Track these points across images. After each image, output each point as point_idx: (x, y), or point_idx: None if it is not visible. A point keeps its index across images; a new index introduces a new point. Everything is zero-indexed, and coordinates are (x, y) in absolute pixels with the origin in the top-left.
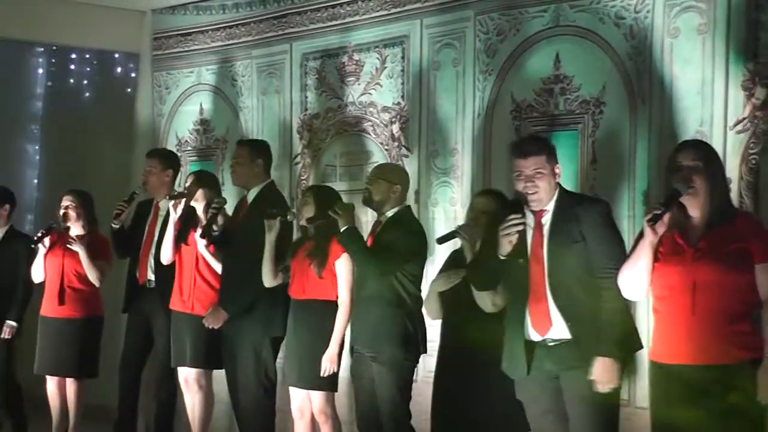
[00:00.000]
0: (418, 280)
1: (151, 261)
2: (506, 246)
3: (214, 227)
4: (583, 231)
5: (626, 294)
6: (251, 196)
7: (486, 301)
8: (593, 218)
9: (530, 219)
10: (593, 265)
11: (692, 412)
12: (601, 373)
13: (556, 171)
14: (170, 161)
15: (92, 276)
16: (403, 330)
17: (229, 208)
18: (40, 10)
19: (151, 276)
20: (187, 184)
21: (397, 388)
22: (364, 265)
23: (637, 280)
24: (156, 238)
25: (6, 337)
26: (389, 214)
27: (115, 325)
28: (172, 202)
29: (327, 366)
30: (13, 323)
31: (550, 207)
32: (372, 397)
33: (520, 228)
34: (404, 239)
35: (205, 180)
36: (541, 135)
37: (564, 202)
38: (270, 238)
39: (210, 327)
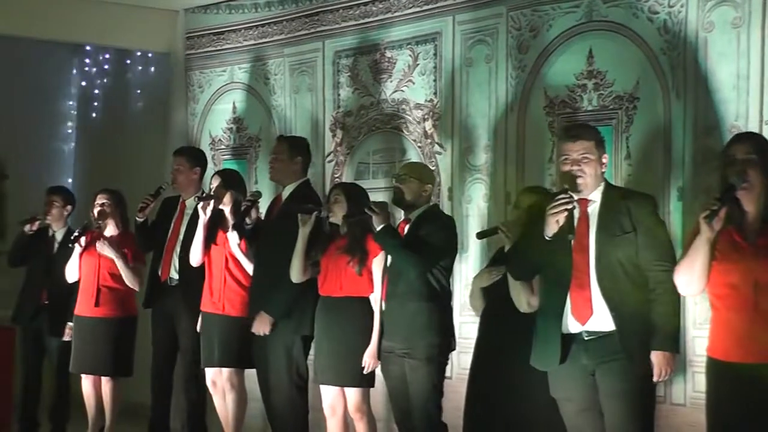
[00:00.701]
0: (449, 273)
1: (175, 259)
2: (553, 226)
3: (247, 220)
4: (634, 223)
5: (682, 290)
6: (286, 193)
7: (521, 300)
8: (646, 212)
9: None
10: (644, 258)
11: (752, 409)
12: (660, 365)
13: (603, 160)
14: (198, 159)
15: (131, 282)
16: (439, 324)
17: (262, 204)
18: (73, 11)
19: (174, 274)
20: (213, 186)
21: (431, 384)
22: (403, 262)
23: (694, 277)
24: (181, 236)
25: (67, 339)
26: (417, 212)
27: (146, 324)
28: (201, 204)
29: (369, 362)
30: (74, 324)
31: (596, 197)
32: (405, 394)
33: (569, 207)
34: (440, 234)
35: (231, 180)
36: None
37: (611, 193)
38: (303, 233)
39: (262, 334)
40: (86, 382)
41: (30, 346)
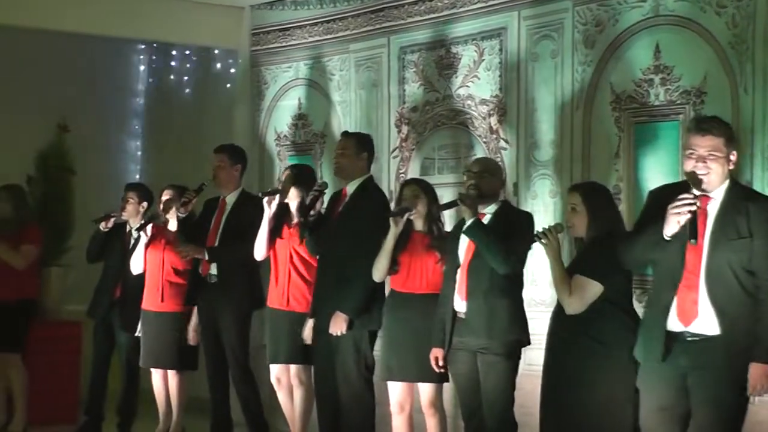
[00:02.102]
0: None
1: None
2: (673, 225)
3: (312, 212)
4: (751, 227)
5: None
6: (351, 188)
7: (561, 297)
8: (765, 218)
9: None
10: (757, 265)
11: None
12: (757, 378)
13: (732, 158)
14: (239, 156)
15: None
16: (519, 318)
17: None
18: (140, 8)
19: (214, 270)
20: (282, 179)
21: (508, 380)
22: (494, 257)
23: None
24: (220, 232)
25: (138, 334)
26: (492, 208)
27: None
28: (267, 198)
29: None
30: None
31: (718, 195)
32: (475, 391)
33: (693, 208)
34: (524, 230)
35: (300, 175)
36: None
37: (735, 193)
38: (394, 233)
39: (339, 334)
40: (156, 377)
41: (101, 341)
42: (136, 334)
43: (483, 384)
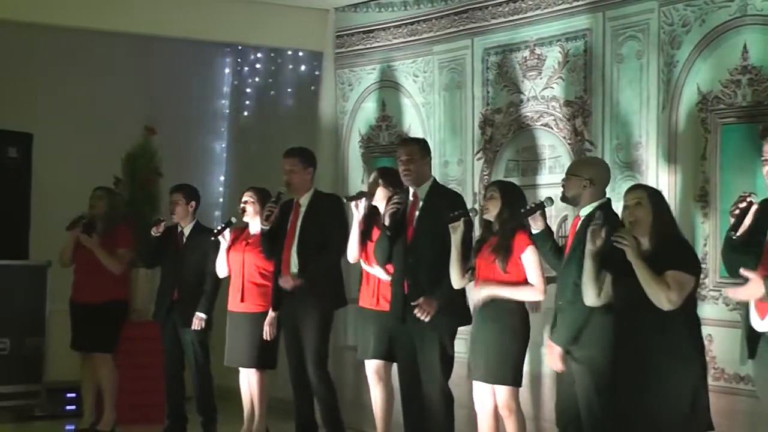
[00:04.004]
0: None
1: (294, 258)
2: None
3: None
4: None
5: None
6: (422, 193)
7: (587, 293)
8: None
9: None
10: None
11: None
12: None
13: None
14: (311, 159)
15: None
16: (608, 333)
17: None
18: (226, 11)
19: (296, 270)
20: (369, 182)
21: (596, 391)
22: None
23: None
24: (297, 236)
25: (196, 328)
26: (586, 210)
27: None
28: (354, 201)
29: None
30: (203, 315)
31: None
32: (572, 395)
33: (741, 206)
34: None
35: (387, 177)
36: None
37: None
38: (456, 241)
39: (427, 317)
40: (243, 377)
41: (169, 343)
42: (194, 328)
43: (576, 390)
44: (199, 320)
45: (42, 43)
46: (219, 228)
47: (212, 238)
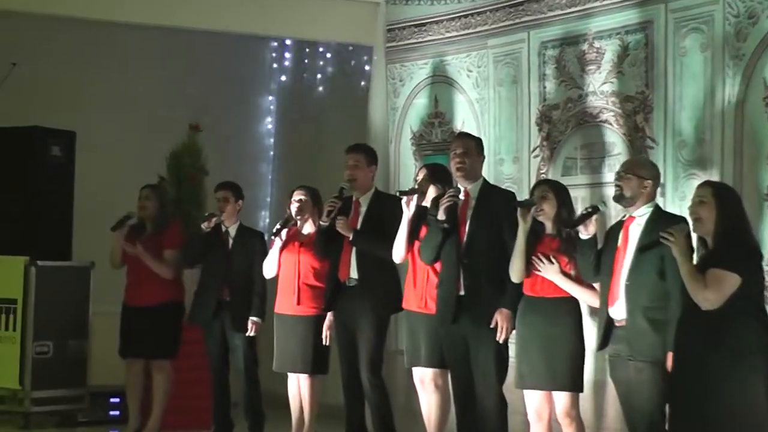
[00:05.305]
0: None
1: (354, 259)
2: None
3: (440, 216)
4: None
5: None
6: (474, 191)
7: (698, 294)
8: None
9: None
10: None
11: None
12: None
13: None
14: (374, 157)
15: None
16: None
17: None
18: (274, 5)
19: (354, 274)
20: (419, 179)
21: (657, 388)
22: None
23: None
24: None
25: (252, 334)
26: (640, 212)
27: None
28: (405, 198)
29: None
30: (257, 319)
31: None
32: (630, 400)
33: None
34: None
35: (437, 175)
36: None
37: None
38: (524, 229)
39: (504, 332)
40: (291, 382)
41: (214, 346)
42: (249, 334)
43: (633, 392)
44: (255, 325)
45: (85, 39)
46: (278, 227)
47: (273, 237)
